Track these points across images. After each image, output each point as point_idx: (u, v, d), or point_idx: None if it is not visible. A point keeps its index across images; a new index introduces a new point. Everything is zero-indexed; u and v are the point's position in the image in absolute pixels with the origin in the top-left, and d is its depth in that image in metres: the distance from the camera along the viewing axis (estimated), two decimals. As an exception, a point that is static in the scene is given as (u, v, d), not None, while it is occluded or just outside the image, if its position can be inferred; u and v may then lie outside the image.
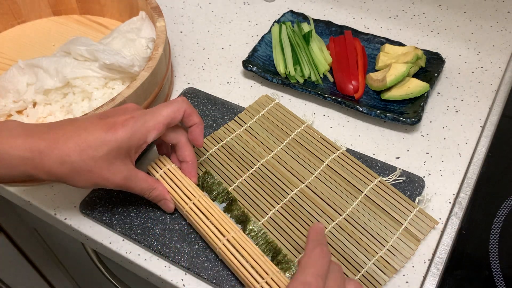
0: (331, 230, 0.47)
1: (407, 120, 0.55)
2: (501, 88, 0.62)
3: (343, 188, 0.51)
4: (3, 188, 0.54)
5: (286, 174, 0.52)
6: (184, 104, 0.45)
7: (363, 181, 0.51)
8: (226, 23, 0.73)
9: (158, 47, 0.56)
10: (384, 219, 0.48)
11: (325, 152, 0.54)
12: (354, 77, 0.60)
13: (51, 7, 0.71)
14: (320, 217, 0.48)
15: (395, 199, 0.49)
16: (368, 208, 0.49)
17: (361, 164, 0.52)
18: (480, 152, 0.55)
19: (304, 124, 0.56)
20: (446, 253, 0.47)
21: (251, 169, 0.53)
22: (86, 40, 0.59)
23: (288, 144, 0.55)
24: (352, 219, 0.48)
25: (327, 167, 0.52)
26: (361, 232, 0.47)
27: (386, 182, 0.51)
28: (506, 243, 0.49)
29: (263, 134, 0.56)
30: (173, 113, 0.44)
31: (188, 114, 0.45)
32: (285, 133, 0.56)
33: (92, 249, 0.60)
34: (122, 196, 0.51)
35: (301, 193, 0.50)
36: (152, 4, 0.62)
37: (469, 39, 0.68)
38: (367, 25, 0.71)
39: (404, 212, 0.48)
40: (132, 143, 0.42)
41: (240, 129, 0.56)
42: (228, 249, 0.43)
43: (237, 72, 0.66)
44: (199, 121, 0.46)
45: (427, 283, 0.45)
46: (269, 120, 0.57)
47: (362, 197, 0.50)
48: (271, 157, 0.54)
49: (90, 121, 0.42)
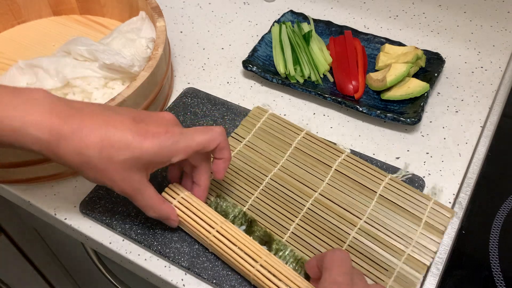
0: (355, 236, 0.47)
1: (407, 120, 0.55)
2: (501, 88, 0.62)
3: (356, 191, 0.50)
4: (3, 188, 0.54)
5: (297, 185, 0.51)
6: (220, 137, 0.43)
7: (374, 181, 0.51)
8: (226, 23, 0.73)
9: (158, 47, 0.56)
10: (404, 216, 0.48)
11: (330, 157, 0.53)
12: (354, 77, 0.60)
13: (51, 7, 0.71)
14: (341, 224, 0.48)
15: (410, 194, 0.49)
16: (385, 207, 0.49)
17: (368, 164, 0.52)
18: (480, 152, 0.55)
19: (303, 132, 0.55)
20: (446, 253, 0.47)
21: (261, 185, 0.51)
22: (86, 40, 0.59)
23: (292, 154, 0.53)
24: (373, 221, 0.48)
25: (336, 172, 0.52)
26: (384, 233, 0.47)
27: (397, 179, 0.50)
28: (506, 243, 0.49)
29: (264, 147, 0.54)
30: (207, 142, 0.43)
31: (221, 148, 0.44)
32: (286, 143, 0.55)
33: (92, 249, 0.60)
34: (122, 196, 0.51)
35: (316, 203, 0.49)
36: (152, 4, 0.62)
37: (469, 39, 0.68)
38: (367, 25, 0.71)
39: (421, 206, 0.48)
40: (155, 159, 0.41)
41: (239, 145, 0.55)
42: (263, 275, 0.41)
43: (237, 72, 0.66)
44: (228, 157, 0.45)
45: (427, 283, 0.45)
46: (266, 132, 0.56)
47: (377, 197, 0.49)
48: (278, 169, 0.52)
49: (122, 118, 0.40)
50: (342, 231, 0.47)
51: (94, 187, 0.52)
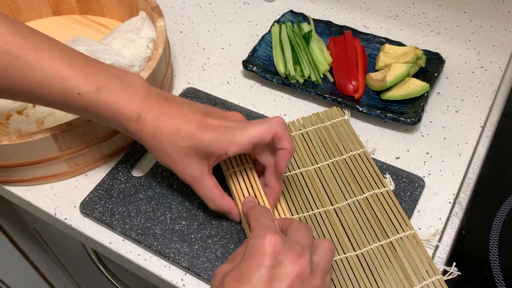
0: (336, 260, 0.45)
1: (407, 120, 0.55)
2: (501, 88, 0.62)
3: (370, 226, 0.47)
4: (3, 188, 0.54)
5: (320, 189, 0.50)
6: (276, 126, 0.43)
7: (396, 228, 0.46)
8: (226, 23, 0.73)
9: (158, 47, 0.56)
10: (399, 275, 0.44)
11: (369, 185, 0.50)
12: (354, 77, 0.60)
13: (51, 7, 0.71)
14: (335, 244, 0.46)
15: (422, 260, 0.44)
16: (387, 256, 0.45)
17: (401, 211, 0.47)
18: (480, 152, 0.55)
19: (362, 149, 0.53)
20: (446, 253, 0.47)
21: (289, 172, 0.51)
22: (86, 40, 0.59)
23: (335, 163, 0.52)
24: (364, 259, 0.45)
25: (364, 200, 0.49)
26: (367, 276, 0.44)
27: (419, 239, 0.46)
28: (506, 243, 0.49)
29: (316, 144, 0.54)
30: (262, 133, 0.42)
31: (278, 138, 0.43)
32: (339, 150, 0.53)
33: (92, 249, 0.60)
34: (122, 196, 0.51)
35: (325, 214, 0.48)
36: (152, 4, 0.62)
37: (469, 39, 0.68)
38: (367, 25, 0.71)
39: (423, 276, 0.43)
40: (212, 150, 0.43)
41: (297, 131, 0.55)
42: None
43: (237, 72, 0.66)
44: (289, 148, 0.43)
45: (427, 283, 0.45)
46: (328, 133, 0.55)
47: (386, 242, 0.46)
48: (313, 168, 0.52)
49: (194, 110, 0.44)
50: None
51: (94, 187, 0.52)
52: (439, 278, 0.43)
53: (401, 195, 0.50)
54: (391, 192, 0.49)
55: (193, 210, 0.49)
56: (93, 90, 0.42)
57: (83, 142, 0.51)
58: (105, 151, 0.54)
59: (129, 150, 0.55)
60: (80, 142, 0.51)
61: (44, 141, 0.48)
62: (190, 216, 0.49)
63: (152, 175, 0.53)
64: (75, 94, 0.42)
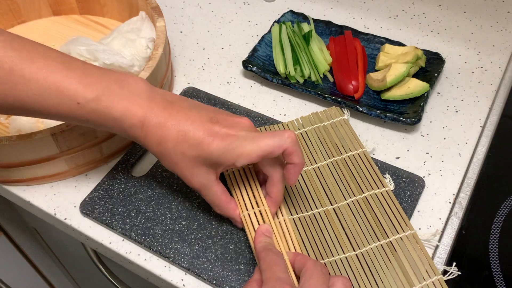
0: (336, 260, 0.45)
1: (407, 120, 0.55)
2: (501, 88, 0.62)
3: (370, 226, 0.47)
4: (3, 188, 0.54)
5: (319, 189, 0.50)
6: (287, 142, 0.42)
7: (395, 228, 0.46)
8: (226, 23, 0.73)
9: (158, 47, 0.56)
10: (399, 275, 0.43)
11: (369, 184, 0.50)
12: (354, 77, 0.60)
13: (51, 7, 0.71)
14: (334, 244, 0.46)
15: (422, 260, 0.44)
16: (386, 256, 0.44)
17: (401, 211, 0.47)
18: (480, 152, 0.55)
19: (361, 149, 0.53)
20: (446, 253, 0.47)
21: None
22: (86, 40, 0.59)
23: (335, 162, 0.52)
24: (364, 260, 0.44)
25: (364, 200, 0.49)
26: (367, 276, 0.43)
27: (419, 239, 0.45)
28: (506, 243, 0.49)
29: (315, 143, 0.54)
30: (272, 148, 0.42)
31: (288, 153, 0.42)
32: (338, 150, 0.53)
33: (92, 249, 0.60)
34: (122, 196, 0.51)
35: (324, 214, 0.48)
36: (152, 4, 0.62)
37: (469, 39, 0.68)
38: (367, 25, 0.71)
39: (423, 276, 0.43)
40: (220, 160, 0.42)
41: (296, 131, 0.55)
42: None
43: (237, 72, 0.66)
44: (299, 163, 0.43)
45: (427, 283, 0.45)
46: (328, 132, 0.55)
47: (386, 242, 0.45)
48: (312, 168, 0.52)
49: (201, 116, 0.42)
50: (330, 250, 0.45)
51: (94, 187, 0.52)
52: (439, 278, 0.43)
53: (401, 195, 0.50)
54: (391, 192, 0.49)
55: (193, 210, 0.49)
56: (92, 99, 0.41)
57: (83, 142, 0.51)
58: (105, 151, 0.54)
59: (129, 150, 0.55)
60: (80, 142, 0.51)
61: (44, 141, 0.48)
62: (190, 216, 0.49)
63: (152, 175, 0.53)
64: (74, 104, 0.41)
